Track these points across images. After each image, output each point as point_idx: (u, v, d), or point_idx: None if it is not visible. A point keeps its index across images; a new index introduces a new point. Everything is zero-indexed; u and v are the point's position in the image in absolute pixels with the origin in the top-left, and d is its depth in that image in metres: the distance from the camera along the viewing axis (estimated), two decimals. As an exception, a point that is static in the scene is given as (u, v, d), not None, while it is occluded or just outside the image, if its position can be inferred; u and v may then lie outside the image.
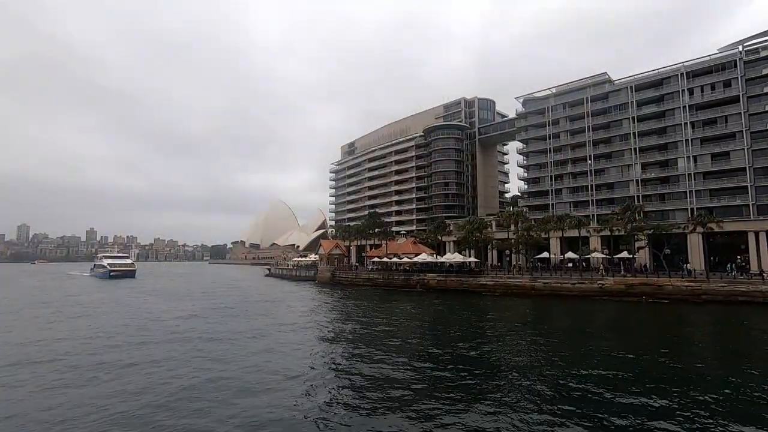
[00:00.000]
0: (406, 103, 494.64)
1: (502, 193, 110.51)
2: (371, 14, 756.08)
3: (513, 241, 60.05)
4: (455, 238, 74.32)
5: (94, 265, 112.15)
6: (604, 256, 57.00)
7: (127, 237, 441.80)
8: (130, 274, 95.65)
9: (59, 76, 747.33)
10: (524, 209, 75.88)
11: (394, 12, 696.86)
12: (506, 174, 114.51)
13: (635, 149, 68.25)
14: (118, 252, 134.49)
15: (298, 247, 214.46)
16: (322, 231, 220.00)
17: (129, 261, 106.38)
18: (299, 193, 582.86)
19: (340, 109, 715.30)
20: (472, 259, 62.93)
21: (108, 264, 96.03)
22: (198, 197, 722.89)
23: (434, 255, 68.01)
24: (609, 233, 54.35)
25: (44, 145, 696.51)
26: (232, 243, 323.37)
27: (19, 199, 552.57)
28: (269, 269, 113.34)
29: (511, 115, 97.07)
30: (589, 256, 56.32)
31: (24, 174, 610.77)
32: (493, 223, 71.90)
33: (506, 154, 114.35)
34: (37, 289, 66.92)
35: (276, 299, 52.02)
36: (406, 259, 66.22)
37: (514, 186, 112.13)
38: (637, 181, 67.45)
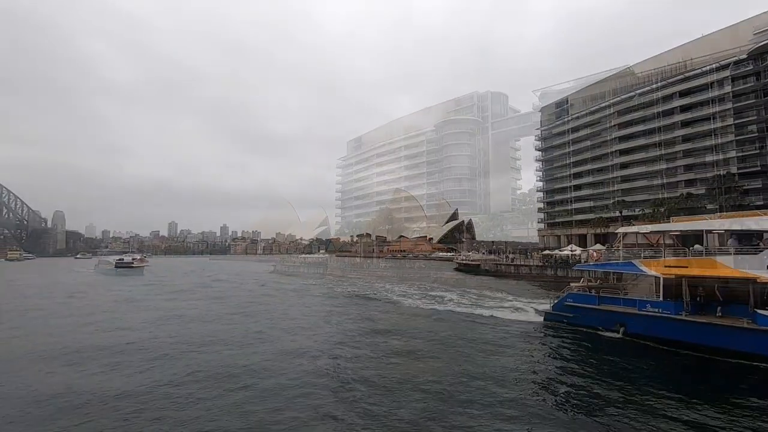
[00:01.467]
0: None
1: (514, 189, 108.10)
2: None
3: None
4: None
5: (99, 261, 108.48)
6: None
7: (126, 232, 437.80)
8: (137, 272, 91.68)
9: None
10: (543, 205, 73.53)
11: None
12: (518, 171, 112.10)
13: (660, 143, 65.73)
14: (124, 242, 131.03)
15: (300, 243, 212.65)
16: (324, 228, 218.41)
17: (138, 256, 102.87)
18: (299, 190, 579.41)
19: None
20: (490, 257, 60.57)
21: (115, 259, 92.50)
22: (196, 193, 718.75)
23: (455, 253, 65.71)
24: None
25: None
26: (233, 239, 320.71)
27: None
28: (274, 266, 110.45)
29: (523, 111, 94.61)
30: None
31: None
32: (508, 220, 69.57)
33: (518, 150, 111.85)
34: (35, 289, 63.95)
35: (293, 296, 49.38)
36: (420, 256, 63.84)
37: (526, 183, 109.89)
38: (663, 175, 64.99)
